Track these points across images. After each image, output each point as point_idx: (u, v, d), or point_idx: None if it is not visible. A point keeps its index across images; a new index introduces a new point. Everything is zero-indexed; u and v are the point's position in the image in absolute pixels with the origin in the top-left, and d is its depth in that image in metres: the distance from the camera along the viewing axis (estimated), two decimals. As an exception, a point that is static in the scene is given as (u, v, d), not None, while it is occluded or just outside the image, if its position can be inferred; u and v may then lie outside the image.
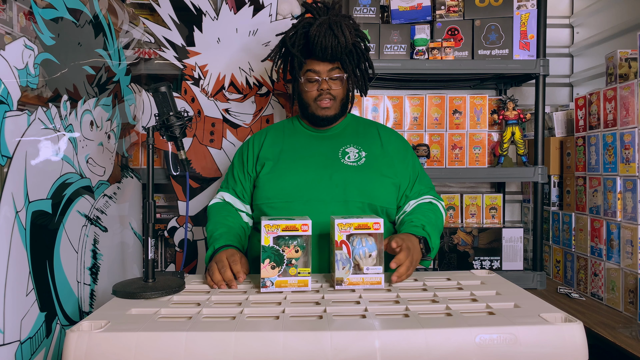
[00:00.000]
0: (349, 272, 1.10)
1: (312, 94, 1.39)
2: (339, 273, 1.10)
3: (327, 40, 1.31)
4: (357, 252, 1.11)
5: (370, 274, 1.11)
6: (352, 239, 1.10)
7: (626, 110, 1.59)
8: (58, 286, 1.19)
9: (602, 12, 2.17)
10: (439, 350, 0.82)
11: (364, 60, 1.44)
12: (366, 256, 1.11)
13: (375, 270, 1.11)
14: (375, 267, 1.11)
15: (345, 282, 1.10)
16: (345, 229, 1.10)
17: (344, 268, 1.10)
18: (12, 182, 1.01)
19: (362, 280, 1.11)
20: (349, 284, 1.10)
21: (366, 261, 1.11)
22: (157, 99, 1.17)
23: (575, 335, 0.85)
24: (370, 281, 1.11)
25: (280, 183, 1.36)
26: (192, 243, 1.95)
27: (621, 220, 1.62)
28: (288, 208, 1.34)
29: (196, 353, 0.82)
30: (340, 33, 1.31)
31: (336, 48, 1.32)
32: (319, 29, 1.32)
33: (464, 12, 1.95)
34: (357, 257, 1.11)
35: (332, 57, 1.35)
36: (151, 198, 1.14)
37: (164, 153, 1.90)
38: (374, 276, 1.11)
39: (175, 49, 1.88)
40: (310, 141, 1.45)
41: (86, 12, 1.37)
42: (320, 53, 1.34)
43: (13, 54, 1.02)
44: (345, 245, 1.10)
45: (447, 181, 2.28)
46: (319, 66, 1.37)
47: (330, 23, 1.32)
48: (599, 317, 1.57)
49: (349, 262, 1.10)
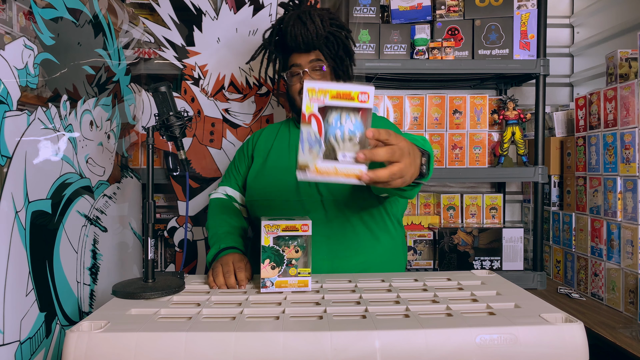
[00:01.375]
0: (317, 156, 0.79)
1: (296, 87, 1.40)
2: (302, 157, 0.79)
3: (296, 29, 1.33)
4: (333, 131, 0.79)
5: (346, 163, 0.79)
6: (329, 113, 0.79)
7: (626, 110, 1.59)
8: (58, 286, 1.19)
9: (602, 12, 2.17)
10: (439, 350, 0.82)
11: (344, 48, 1.43)
12: (345, 139, 0.79)
13: (354, 158, 0.79)
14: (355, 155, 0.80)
15: (311, 170, 0.79)
16: (318, 98, 0.79)
17: (311, 151, 0.79)
18: (11, 182, 1.01)
19: (335, 171, 0.78)
20: (317, 172, 0.79)
21: (344, 145, 0.79)
22: (157, 99, 1.17)
23: (576, 335, 0.85)
24: (345, 172, 0.79)
25: (263, 182, 1.38)
26: (192, 243, 1.94)
27: (621, 220, 1.62)
28: (269, 207, 1.35)
29: (196, 353, 0.81)
30: (309, 21, 1.33)
31: (306, 35, 1.33)
32: (288, 20, 1.35)
33: (464, 12, 1.94)
34: (331, 139, 0.79)
35: (305, 45, 1.35)
36: (151, 198, 1.14)
37: (164, 153, 1.90)
38: (350, 167, 0.78)
39: (175, 49, 1.88)
40: (297, 141, 1.45)
41: (86, 12, 1.37)
42: (292, 43, 1.35)
43: (13, 54, 1.02)
44: (316, 120, 0.79)
45: (447, 181, 2.28)
46: (300, 59, 1.38)
47: (299, 13, 1.35)
48: (599, 317, 1.56)
49: (317, 143, 0.79)
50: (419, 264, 2.03)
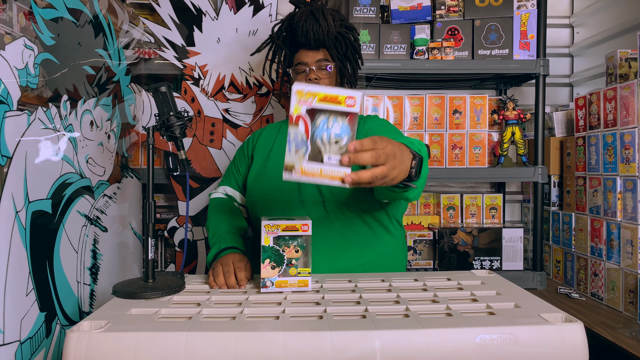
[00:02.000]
0: (303, 158, 0.82)
1: None
2: (289, 157, 0.82)
3: (308, 24, 1.33)
4: (320, 134, 0.82)
5: (331, 165, 0.81)
6: (317, 116, 0.82)
7: (626, 110, 1.59)
8: (58, 286, 1.19)
9: (602, 12, 2.17)
10: (439, 350, 0.82)
11: (352, 50, 1.43)
12: (331, 142, 0.82)
13: (339, 160, 0.82)
14: (339, 158, 0.82)
15: (296, 171, 0.82)
16: (306, 100, 0.82)
17: (298, 152, 0.82)
18: (12, 182, 1.01)
19: (320, 172, 0.82)
20: (302, 173, 0.82)
21: (331, 148, 0.82)
22: (157, 99, 1.17)
23: (576, 335, 0.85)
24: (329, 174, 0.82)
25: (263, 182, 1.38)
26: (192, 243, 1.95)
27: (621, 220, 1.62)
28: (269, 207, 1.35)
29: (196, 353, 0.81)
30: (322, 18, 1.33)
31: (318, 32, 1.33)
32: (300, 15, 1.34)
33: (464, 12, 1.94)
34: (318, 142, 0.82)
35: (315, 42, 1.35)
36: (151, 198, 1.14)
37: (164, 153, 1.90)
38: (335, 169, 0.81)
39: (175, 49, 1.88)
40: None
41: (86, 12, 1.37)
42: (303, 38, 1.35)
43: (13, 54, 1.02)
44: (304, 122, 0.82)
45: (447, 181, 2.28)
46: (307, 56, 1.38)
47: (312, 9, 1.35)
48: (599, 317, 1.57)
49: (304, 145, 0.82)
50: (418, 264, 2.03)
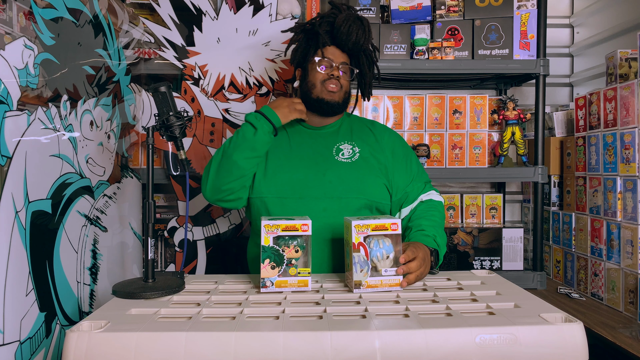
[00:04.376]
0: (367, 274, 1.08)
1: (322, 75, 1.40)
2: (357, 276, 1.07)
3: (353, 27, 1.36)
4: (375, 254, 1.08)
5: (388, 276, 1.08)
6: (369, 240, 1.08)
7: (626, 110, 1.59)
8: (58, 286, 1.19)
9: (602, 12, 2.17)
10: (439, 350, 0.82)
11: (369, 66, 1.49)
12: (384, 258, 1.08)
13: (393, 272, 1.09)
14: (393, 269, 1.09)
15: (363, 285, 1.07)
16: (363, 231, 1.07)
17: (362, 271, 1.07)
18: (11, 182, 1.01)
19: (381, 283, 1.08)
20: (367, 286, 1.08)
21: (384, 263, 1.08)
22: (157, 99, 1.17)
23: (576, 335, 0.85)
24: (388, 283, 1.08)
25: (274, 179, 1.37)
26: (192, 243, 1.94)
27: (621, 220, 1.62)
28: (282, 204, 1.34)
29: (196, 353, 0.81)
30: (366, 26, 1.38)
31: (360, 37, 1.37)
32: (348, 17, 1.37)
33: (464, 12, 1.94)
34: (374, 259, 1.08)
35: (353, 45, 1.38)
36: (151, 198, 1.14)
37: (164, 153, 1.90)
38: (392, 278, 1.09)
39: (175, 49, 1.88)
40: (305, 139, 1.45)
41: (86, 12, 1.37)
42: (343, 36, 1.37)
43: (13, 54, 1.02)
44: (363, 248, 1.07)
45: (447, 181, 2.28)
46: (334, 55, 1.41)
47: (358, 16, 1.39)
48: (599, 317, 1.57)
49: (366, 265, 1.07)
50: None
